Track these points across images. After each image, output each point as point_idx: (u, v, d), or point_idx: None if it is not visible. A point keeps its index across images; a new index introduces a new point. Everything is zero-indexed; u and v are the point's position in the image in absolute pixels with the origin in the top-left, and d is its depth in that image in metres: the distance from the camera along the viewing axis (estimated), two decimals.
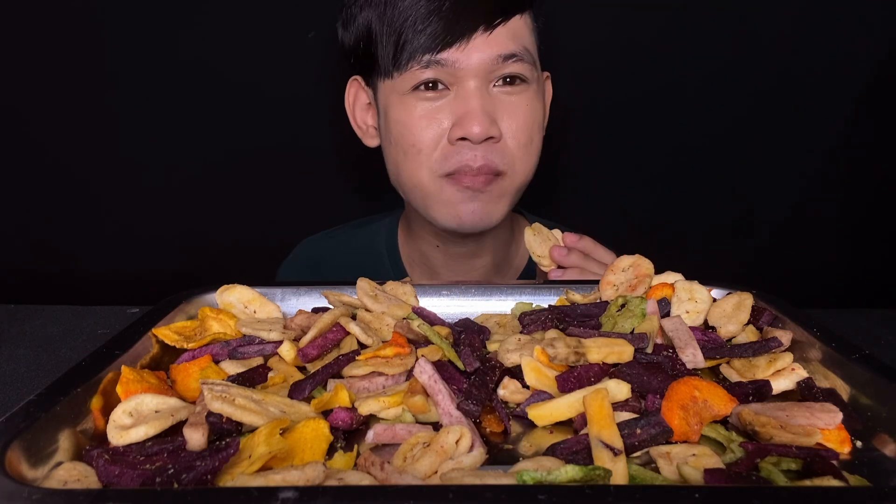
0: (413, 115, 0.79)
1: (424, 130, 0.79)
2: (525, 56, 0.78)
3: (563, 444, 0.42)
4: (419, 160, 0.80)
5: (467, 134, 0.76)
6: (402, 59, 0.77)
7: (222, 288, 0.63)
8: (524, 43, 0.79)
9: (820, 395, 0.47)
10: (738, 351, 0.53)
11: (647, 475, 0.39)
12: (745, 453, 0.41)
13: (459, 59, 0.76)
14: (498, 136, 0.78)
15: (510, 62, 0.77)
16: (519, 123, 0.79)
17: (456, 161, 0.78)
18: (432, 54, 0.76)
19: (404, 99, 0.79)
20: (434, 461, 0.40)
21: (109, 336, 0.54)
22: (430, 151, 0.79)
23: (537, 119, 0.82)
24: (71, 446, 0.42)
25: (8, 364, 0.70)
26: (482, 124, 0.76)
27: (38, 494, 0.33)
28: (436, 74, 0.77)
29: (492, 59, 0.76)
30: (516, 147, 0.80)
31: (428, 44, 0.75)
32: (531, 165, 0.83)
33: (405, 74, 0.78)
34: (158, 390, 0.48)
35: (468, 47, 0.76)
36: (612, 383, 0.47)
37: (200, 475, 0.36)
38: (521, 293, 0.67)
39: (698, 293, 0.60)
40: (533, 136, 0.82)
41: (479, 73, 0.77)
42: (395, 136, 0.81)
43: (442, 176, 0.80)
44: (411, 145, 0.80)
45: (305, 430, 0.42)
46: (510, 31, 0.78)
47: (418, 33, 0.75)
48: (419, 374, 0.47)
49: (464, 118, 0.76)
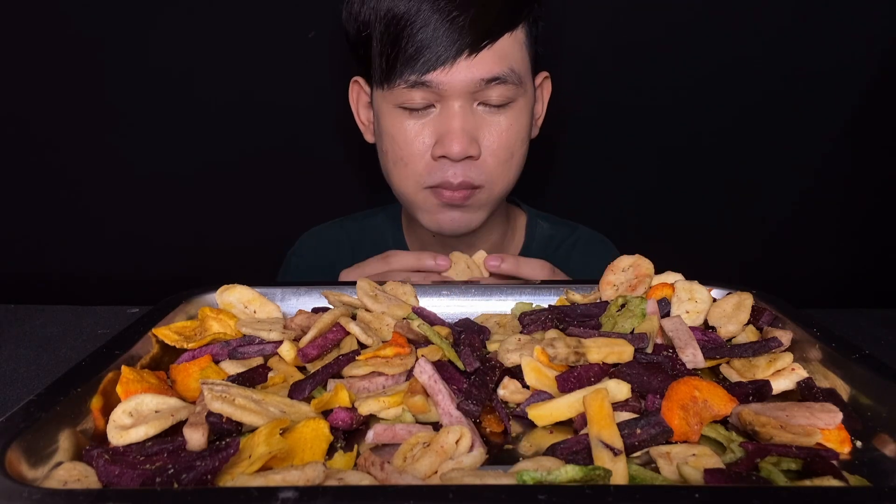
0: (400, 130, 0.82)
1: (410, 145, 0.82)
2: (510, 77, 0.79)
3: (563, 444, 0.42)
4: (405, 172, 0.84)
5: (447, 153, 0.79)
6: (390, 75, 0.79)
7: (222, 288, 0.63)
8: (510, 63, 0.80)
9: (820, 395, 0.47)
10: (738, 351, 0.53)
11: (647, 475, 0.39)
12: (745, 453, 0.41)
13: (443, 82, 0.77)
14: (477, 154, 0.81)
15: (493, 85, 0.79)
16: (501, 142, 0.82)
17: (439, 177, 0.81)
18: (417, 75, 0.78)
19: (394, 112, 0.82)
20: (434, 461, 0.40)
21: (109, 336, 0.54)
22: (414, 165, 0.82)
23: (521, 134, 0.84)
24: (71, 446, 0.42)
25: (8, 364, 0.70)
26: (461, 144, 0.78)
27: (38, 494, 0.33)
28: (422, 94, 0.79)
29: (475, 81, 0.78)
30: (495, 164, 0.82)
31: (413, 65, 0.77)
32: (511, 178, 0.86)
33: (394, 90, 0.80)
34: (158, 390, 0.48)
35: (452, 70, 0.77)
36: (612, 383, 0.47)
37: (200, 475, 0.36)
38: (521, 293, 0.67)
39: (698, 293, 0.60)
40: (514, 152, 0.84)
41: (463, 94, 0.78)
42: (385, 146, 0.85)
43: (426, 188, 0.83)
44: (399, 158, 0.83)
45: (305, 430, 0.42)
46: (495, 52, 0.78)
47: (405, 52, 0.77)
48: (419, 374, 0.47)
49: (445, 137, 0.79)
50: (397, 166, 0.84)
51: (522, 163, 0.87)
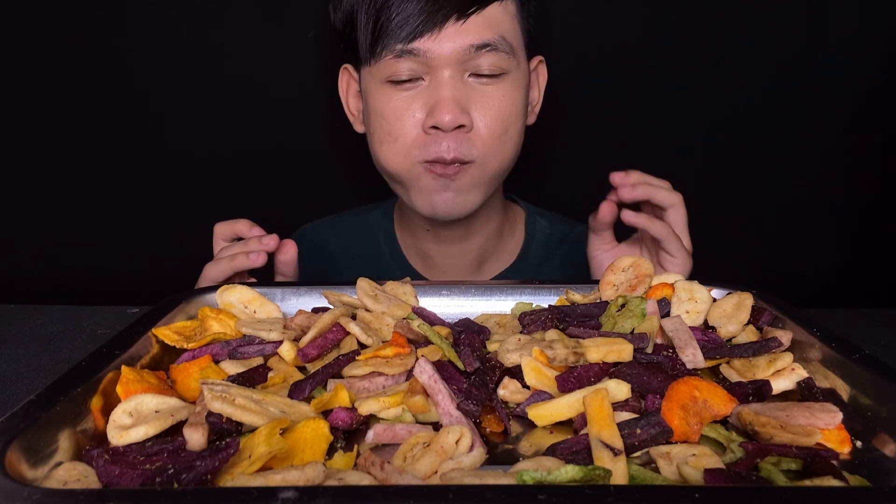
0: (389, 105, 0.80)
1: (400, 120, 0.79)
2: (501, 45, 0.78)
3: (563, 444, 0.42)
4: (395, 148, 0.81)
5: (437, 123, 0.77)
6: (376, 47, 0.77)
7: (222, 288, 0.63)
8: (501, 31, 0.78)
9: (820, 395, 0.47)
10: (738, 351, 0.53)
11: (647, 475, 0.39)
12: (745, 453, 0.41)
13: (431, 49, 0.76)
14: (469, 125, 0.78)
15: (484, 52, 0.77)
16: (493, 114, 0.79)
17: (433, 151, 0.79)
18: (404, 44, 0.76)
19: (381, 88, 0.80)
20: (434, 461, 0.40)
21: (109, 336, 0.54)
22: (405, 140, 0.80)
23: (515, 109, 0.82)
24: (71, 446, 0.42)
25: (8, 364, 0.70)
26: (452, 112, 0.76)
27: (38, 494, 0.33)
28: (409, 64, 0.77)
29: (464, 48, 0.76)
30: (489, 137, 0.80)
31: (399, 33, 0.75)
32: (507, 155, 0.83)
33: (380, 63, 0.78)
34: (158, 390, 0.48)
35: (440, 36, 0.75)
36: (612, 383, 0.47)
37: (200, 475, 0.36)
38: (521, 293, 0.67)
39: (698, 293, 0.60)
40: (509, 127, 0.81)
41: (452, 62, 0.77)
42: (374, 125, 0.83)
43: (419, 162, 0.80)
44: (387, 133, 0.81)
45: (305, 430, 0.42)
46: (486, 19, 0.77)
47: (391, 21, 0.75)
48: (419, 374, 0.47)
49: (435, 107, 0.77)
50: (384, 143, 0.82)
51: (518, 142, 0.84)
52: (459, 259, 0.96)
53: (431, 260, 0.97)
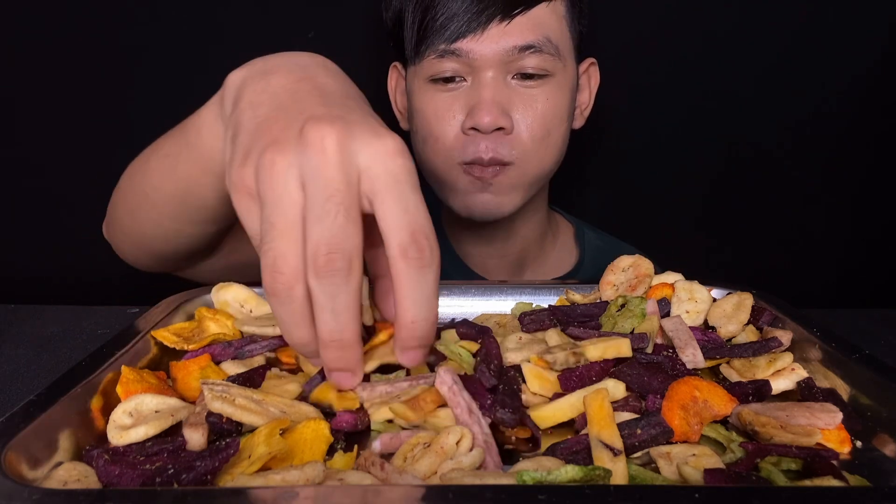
0: (430, 105, 0.80)
1: (440, 121, 0.79)
2: (545, 46, 0.77)
3: (563, 444, 0.42)
4: (436, 149, 0.81)
5: (477, 124, 0.76)
6: (421, 46, 0.77)
7: (218, 286, 0.63)
8: (546, 32, 0.77)
9: (820, 395, 0.47)
10: (738, 351, 0.52)
11: (647, 475, 0.39)
12: (745, 453, 0.41)
13: (474, 49, 0.75)
14: (509, 127, 0.77)
15: (528, 53, 0.76)
16: (535, 116, 0.78)
17: (471, 152, 0.78)
18: (447, 43, 0.75)
19: (424, 87, 0.80)
20: (434, 461, 0.39)
21: (109, 336, 0.53)
22: (446, 141, 0.80)
23: (559, 112, 0.81)
24: (71, 446, 0.42)
25: (8, 364, 0.69)
26: (491, 114, 0.75)
27: (38, 494, 0.33)
28: (452, 64, 0.77)
29: (507, 49, 0.75)
30: (530, 139, 0.79)
31: (443, 32, 0.75)
32: (549, 159, 0.82)
33: (424, 62, 0.78)
34: (158, 390, 0.48)
35: (483, 37, 0.75)
36: (612, 382, 0.47)
37: (200, 475, 0.36)
38: (521, 293, 0.67)
39: (698, 293, 0.60)
40: (551, 130, 0.80)
41: (495, 63, 0.76)
42: (416, 124, 0.83)
43: (458, 164, 0.80)
44: (429, 133, 0.81)
45: (305, 431, 0.42)
46: (531, 20, 0.76)
47: (435, 21, 0.75)
48: (439, 385, 0.45)
49: (475, 108, 0.76)
50: (427, 143, 0.81)
51: (561, 146, 0.83)
52: (499, 261, 0.94)
53: (472, 259, 0.95)
